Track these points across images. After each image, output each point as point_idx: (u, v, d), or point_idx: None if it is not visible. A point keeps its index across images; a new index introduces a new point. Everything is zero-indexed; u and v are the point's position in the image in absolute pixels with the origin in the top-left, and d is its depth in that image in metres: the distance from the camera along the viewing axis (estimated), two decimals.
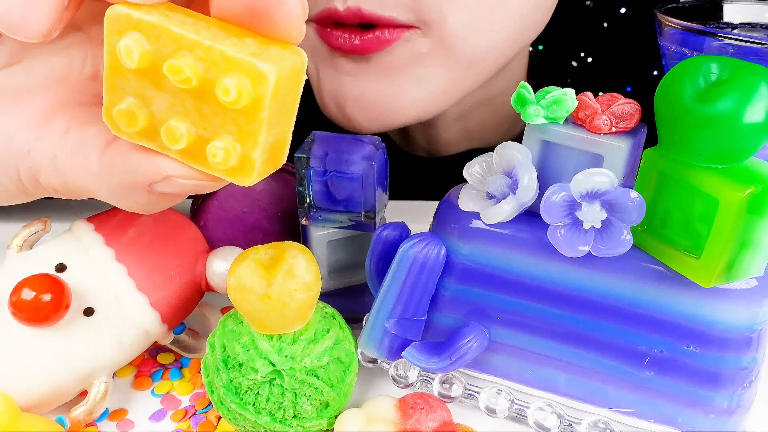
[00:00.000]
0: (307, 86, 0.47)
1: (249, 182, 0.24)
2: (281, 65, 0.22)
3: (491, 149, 0.28)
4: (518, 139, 0.28)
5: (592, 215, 0.26)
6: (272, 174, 0.38)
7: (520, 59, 0.53)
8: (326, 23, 0.40)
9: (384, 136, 0.59)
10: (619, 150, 0.27)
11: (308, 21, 0.40)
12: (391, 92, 0.41)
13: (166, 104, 0.23)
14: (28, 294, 0.29)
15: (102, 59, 0.25)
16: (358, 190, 0.33)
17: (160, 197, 0.26)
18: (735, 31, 0.36)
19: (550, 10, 0.45)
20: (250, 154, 0.23)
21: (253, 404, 0.30)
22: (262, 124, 0.22)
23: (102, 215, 0.34)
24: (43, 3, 0.23)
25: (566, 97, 0.27)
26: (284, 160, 0.26)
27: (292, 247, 0.29)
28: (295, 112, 0.25)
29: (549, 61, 0.57)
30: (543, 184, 0.27)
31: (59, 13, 0.23)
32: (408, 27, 0.39)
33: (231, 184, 0.25)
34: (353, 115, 0.42)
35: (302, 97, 0.25)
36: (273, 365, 0.29)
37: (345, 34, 0.39)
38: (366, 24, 0.39)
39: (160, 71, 0.22)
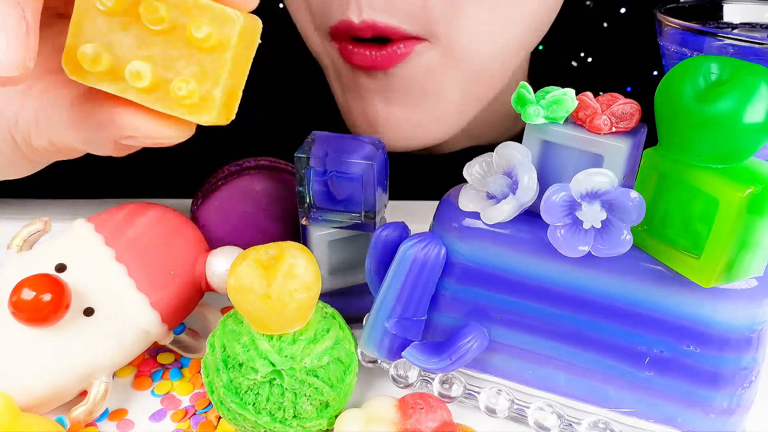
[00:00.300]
0: (307, 88, 0.47)
1: (208, 119, 0.26)
2: (245, 16, 0.26)
3: (490, 147, 0.29)
4: (518, 138, 0.28)
5: (592, 215, 0.26)
6: (272, 174, 0.38)
7: (522, 61, 0.53)
8: (343, 38, 0.41)
9: None
10: (619, 150, 0.27)
11: (328, 40, 0.42)
12: (415, 109, 0.43)
13: (131, 46, 0.26)
14: (28, 294, 0.29)
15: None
16: (358, 190, 0.33)
17: (129, 148, 0.30)
18: (735, 31, 0.36)
19: (553, 12, 0.45)
20: (212, 91, 0.26)
21: (253, 404, 0.30)
22: (225, 64, 0.26)
23: (102, 215, 0.34)
24: (4, 45, 0.24)
25: (566, 97, 0.27)
26: (233, 116, 0.28)
27: (292, 247, 0.29)
28: (247, 72, 0.28)
29: (549, 61, 0.57)
30: (543, 184, 0.27)
31: (24, 45, 0.24)
32: (418, 39, 0.40)
33: (230, 184, 0.25)
34: (385, 135, 0.44)
35: (302, 97, 0.25)
36: (273, 365, 0.29)
37: (365, 51, 0.41)
38: (379, 38, 0.40)
39: (134, 12, 0.25)
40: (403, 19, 0.39)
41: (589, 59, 0.59)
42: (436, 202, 0.32)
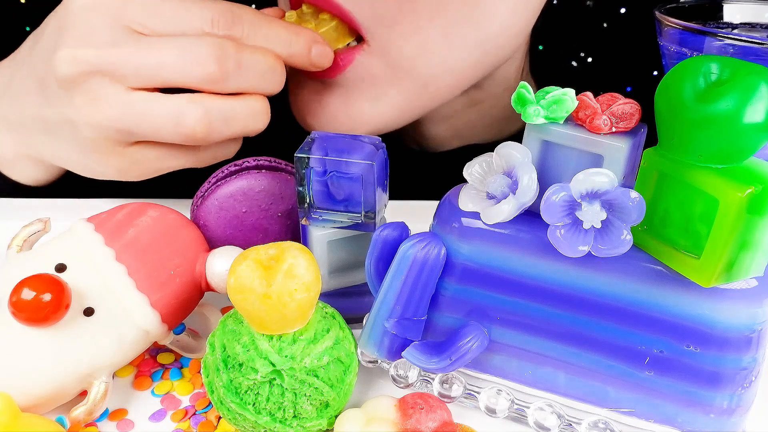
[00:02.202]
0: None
1: None
2: None
3: (484, 146, 0.28)
4: (512, 138, 0.28)
5: (592, 215, 0.26)
6: (272, 174, 0.38)
7: (510, 64, 0.52)
8: (294, 5, 0.43)
9: None
10: (619, 150, 0.27)
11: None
12: (346, 108, 0.44)
13: None
14: (28, 294, 0.29)
15: None
16: (358, 190, 0.33)
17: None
18: (735, 31, 0.36)
19: (520, 32, 0.44)
20: None
21: (253, 404, 0.30)
22: None
23: (102, 215, 0.34)
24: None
25: (566, 97, 0.27)
26: None
27: (292, 247, 0.29)
28: None
29: (549, 61, 0.57)
30: (543, 184, 0.27)
31: None
32: (356, 48, 0.42)
33: (230, 184, 0.25)
34: (314, 126, 0.46)
35: None
36: (273, 365, 0.29)
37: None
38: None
39: None
40: (354, 3, 0.40)
41: (589, 59, 0.59)
42: (436, 202, 0.32)
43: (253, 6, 0.42)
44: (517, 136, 0.29)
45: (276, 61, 0.38)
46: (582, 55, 0.59)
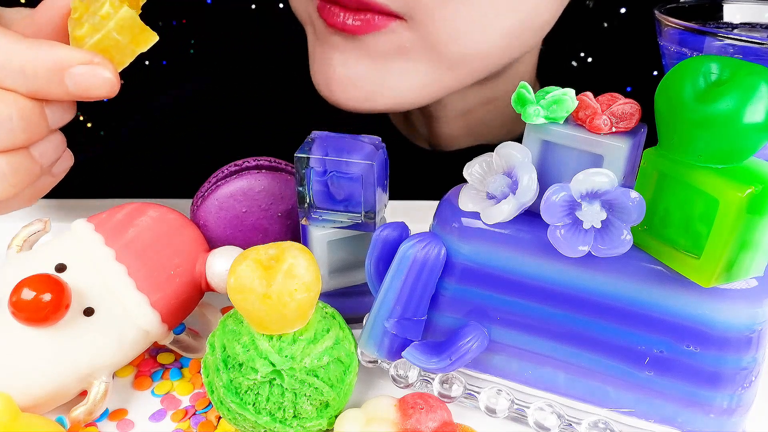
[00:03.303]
0: (308, 88, 0.47)
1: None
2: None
3: (494, 146, 0.29)
4: (520, 139, 0.28)
5: (592, 215, 0.26)
6: (272, 174, 0.38)
7: (525, 62, 0.53)
8: (327, 1, 0.42)
9: (388, 124, 0.59)
10: (619, 150, 0.27)
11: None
12: (373, 76, 0.43)
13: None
14: (28, 294, 0.29)
15: None
16: (358, 190, 0.33)
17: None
18: (735, 31, 0.36)
19: (547, 23, 0.45)
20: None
21: (253, 404, 0.30)
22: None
23: (102, 215, 0.34)
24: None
25: (566, 97, 0.27)
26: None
27: (292, 247, 0.29)
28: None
29: (549, 61, 0.57)
30: (543, 184, 0.27)
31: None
32: (396, 17, 0.41)
33: (230, 184, 0.25)
34: (336, 91, 0.44)
35: (302, 97, 0.25)
36: (273, 365, 0.29)
37: (341, 12, 0.41)
38: (362, 8, 0.41)
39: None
40: None
41: (589, 59, 0.59)
42: (436, 202, 0.32)
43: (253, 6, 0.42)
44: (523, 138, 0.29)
45: (11, 109, 0.31)
46: (582, 55, 0.59)
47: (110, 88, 0.32)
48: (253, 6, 0.75)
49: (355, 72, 0.43)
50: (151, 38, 0.33)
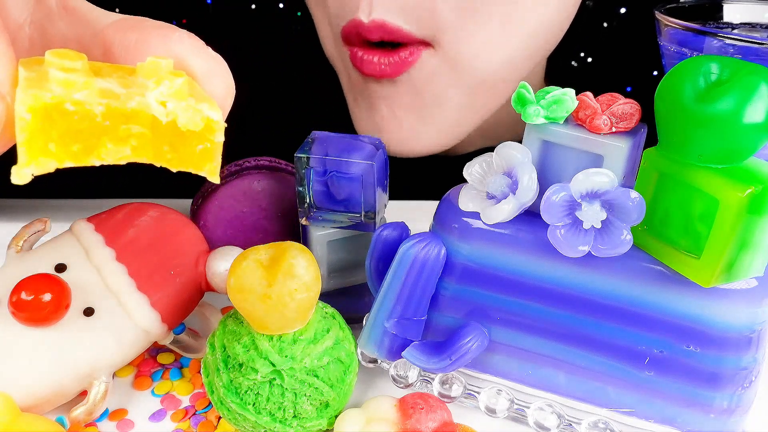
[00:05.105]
0: (308, 88, 0.47)
1: None
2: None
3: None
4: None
5: (592, 215, 0.26)
6: (272, 174, 0.38)
7: (538, 64, 0.53)
8: (354, 41, 0.42)
9: None
10: (619, 150, 0.27)
11: (341, 44, 0.44)
12: (418, 116, 0.44)
13: None
14: (28, 294, 0.29)
15: None
16: (358, 190, 0.33)
17: None
18: (735, 31, 0.36)
19: (566, 23, 0.45)
20: None
21: (254, 404, 0.30)
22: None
23: (102, 215, 0.34)
24: None
25: (566, 97, 0.27)
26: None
27: (292, 247, 0.29)
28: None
29: (549, 61, 0.57)
30: (543, 184, 0.27)
31: None
32: (424, 45, 0.41)
33: (230, 184, 0.25)
34: (388, 140, 0.45)
35: (302, 97, 0.25)
36: (273, 365, 0.29)
37: (374, 57, 0.42)
38: (387, 43, 0.42)
39: None
40: (412, 22, 0.40)
41: (589, 59, 0.59)
42: (436, 202, 0.32)
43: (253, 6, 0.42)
44: None
45: None
46: (582, 55, 0.59)
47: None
48: (253, 6, 0.75)
49: (401, 115, 0.44)
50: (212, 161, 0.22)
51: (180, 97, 0.20)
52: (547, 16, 0.43)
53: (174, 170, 0.22)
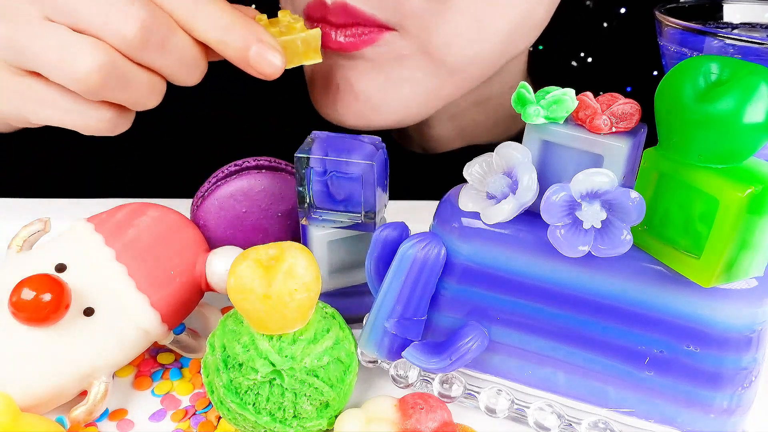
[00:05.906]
0: (305, 88, 0.47)
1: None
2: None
3: (490, 147, 0.29)
4: (517, 138, 0.28)
5: (592, 215, 0.26)
6: (272, 174, 0.38)
7: (517, 62, 0.53)
8: (315, 17, 0.42)
9: (380, 131, 0.60)
10: (619, 150, 0.27)
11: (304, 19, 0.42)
12: (377, 90, 0.43)
13: None
14: (28, 294, 0.29)
15: None
16: (358, 190, 0.33)
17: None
18: (735, 31, 0.36)
19: (541, 21, 0.45)
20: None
21: (253, 404, 0.30)
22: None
23: (102, 215, 0.34)
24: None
25: (566, 97, 0.27)
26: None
27: (292, 247, 0.29)
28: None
29: (549, 61, 0.57)
30: (543, 184, 0.27)
31: None
32: (387, 29, 0.40)
33: (230, 184, 0.25)
34: (341, 108, 0.44)
35: (302, 97, 0.25)
36: (273, 365, 0.29)
37: (332, 31, 0.41)
38: (350, 22, 0.41)
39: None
40: (375, 6, 0.39)
41: (589, 59, 0.59)
42: (436, 202, 0.32)
43: (253, 6, 0.42)
44: (519, 137, 0.29)
45: (201, 56, 0.35)
46: (582, 55, 0.59)
47: (274, 73, 0.36)
48: (253, 6, 0.75)
49: (358, 87, 0.43)
50: (317, 59, 0.38)
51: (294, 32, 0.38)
52: (526, 9, 0.42)
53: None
